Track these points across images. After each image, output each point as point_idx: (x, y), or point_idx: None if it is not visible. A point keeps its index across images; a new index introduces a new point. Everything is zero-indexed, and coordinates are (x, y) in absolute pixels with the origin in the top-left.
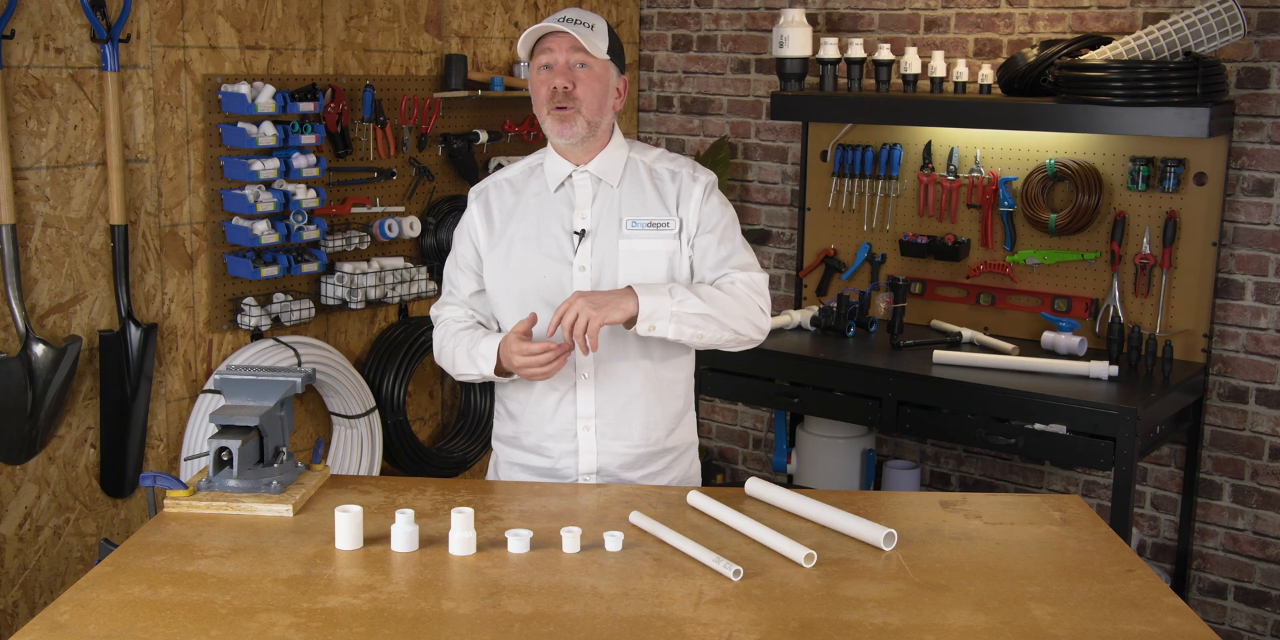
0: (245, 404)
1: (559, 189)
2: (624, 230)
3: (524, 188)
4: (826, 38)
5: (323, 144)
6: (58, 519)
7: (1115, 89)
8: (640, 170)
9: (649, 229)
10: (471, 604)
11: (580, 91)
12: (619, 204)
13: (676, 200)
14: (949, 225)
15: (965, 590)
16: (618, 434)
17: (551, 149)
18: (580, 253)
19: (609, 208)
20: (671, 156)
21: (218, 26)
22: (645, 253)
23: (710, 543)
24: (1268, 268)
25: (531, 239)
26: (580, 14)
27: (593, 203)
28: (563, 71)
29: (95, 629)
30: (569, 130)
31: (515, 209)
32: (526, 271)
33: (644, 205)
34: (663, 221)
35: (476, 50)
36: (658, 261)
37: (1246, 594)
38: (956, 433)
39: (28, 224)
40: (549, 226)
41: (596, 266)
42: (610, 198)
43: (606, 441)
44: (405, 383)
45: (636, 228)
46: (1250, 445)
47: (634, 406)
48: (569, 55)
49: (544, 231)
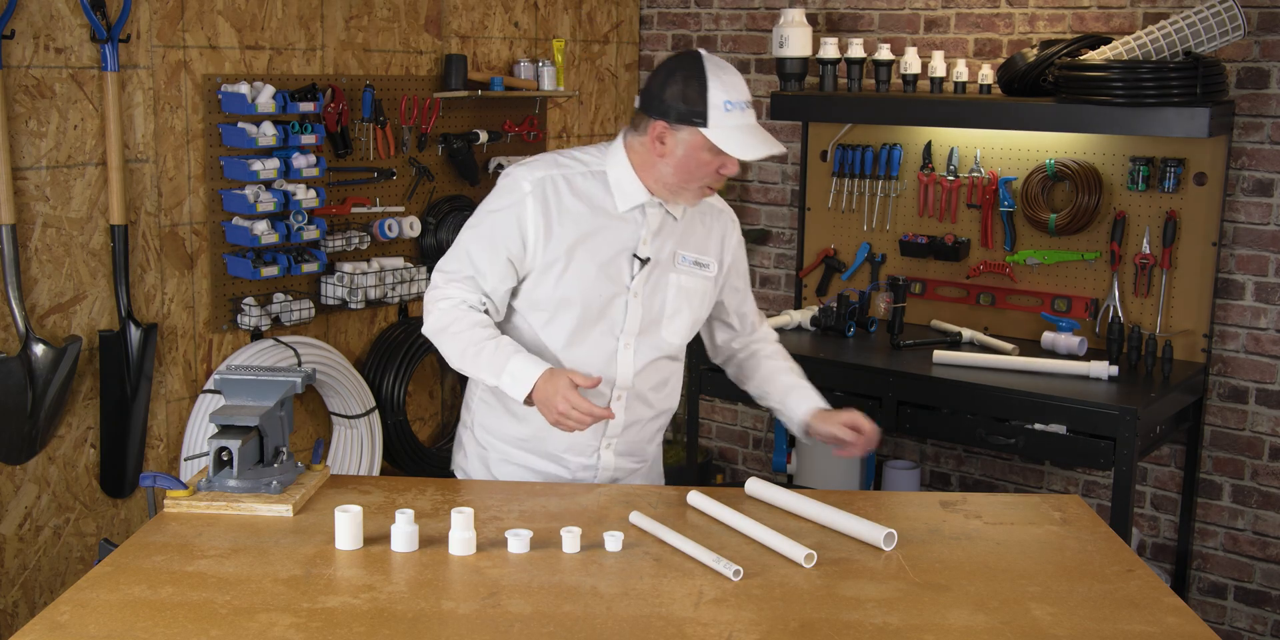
0: (245, 404)
1: (628, 210)
2: (677, 264)
3: (585, 194)
4: (826, 38)
5: (323, 144)
6: (58, 519)
7: (1115, 89)
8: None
9: (694, 267)
10: (471, 604)
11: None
12: (678, 237)
13: (720, 240)
14: (949, 225)
15: (965, 590)
16: (631, 450)
17: (625, 162)
18: (637, 279)
19: (669, 240)
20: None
21: (218, 26)
22: (690, 290)
23: (710, 543)
24: (1268, 268)
25: (593, 255)
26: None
27: (657, 233)
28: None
29: (95, 629)
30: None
31: (579, 217)
32: (583, 287)
33: (696, 242)
34: (705, 262)
35: (476, 50)
36: (696, 299)
37: (1246, 594)
38: (956, 433)
39: (28, 224)
40: (613, 246)
41: (648, 294)
42: (672, 230)
43: (623, 459)
44: (405, 383)
45: (685, 263)
46: (1250, 445)
47: (652, 426)
48: None
49: (607, 250)
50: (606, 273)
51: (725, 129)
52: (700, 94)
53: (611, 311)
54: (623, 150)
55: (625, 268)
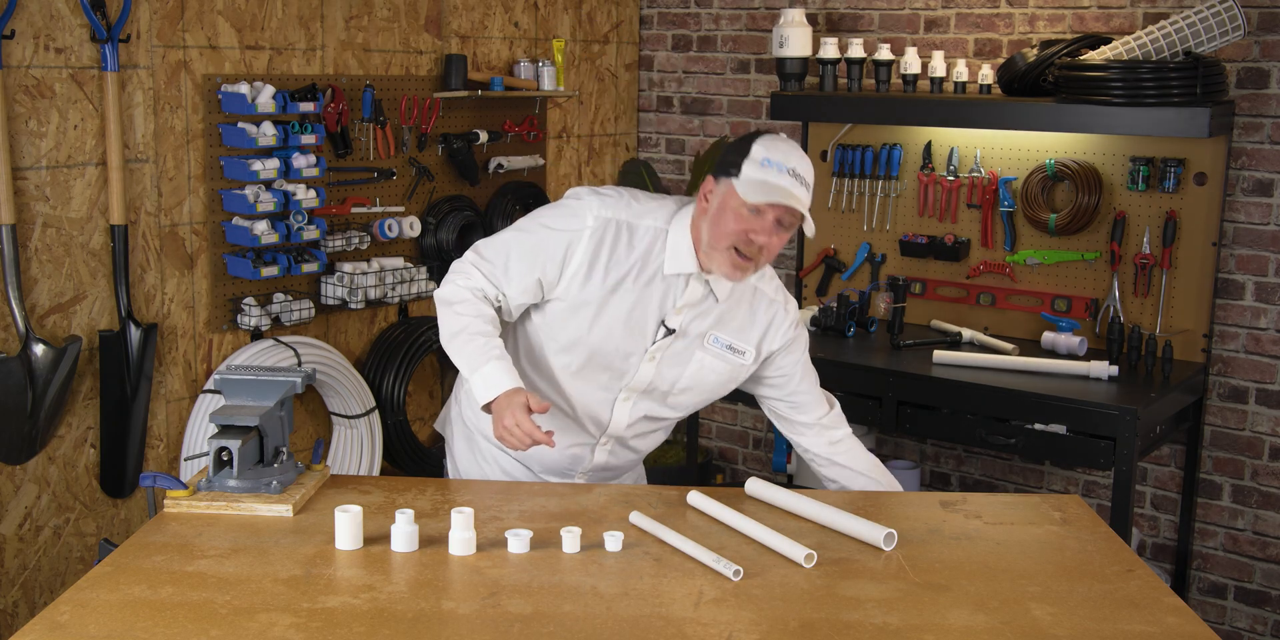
0: (245, 404)
1: (673, 275)
2: (706, 343)
3: (642, 248)
4: (826, 38)
5: (323, 144)
6: (58, 519)
7: (1115, 89)
8: (747, 290)
9: (727, 351)
10: (471, 604)
11: (768, 252)
12: (716, 318)
13: (765, 329)
14: (949, 225)
15: (965, 590)
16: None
17: (686, 228)
18: (658, 345)
19: (705, 318)
20: (768, 274)
21: (218, 26)
22: (712, 370)
23: (710, 543)
24: (1268, 268)
25: (625, 309)
26: (807, 169)
27: (693, 307)
28: (768, 230)
29: (95, 629)
30: (739, 276)
31: (627, 269)
32: (605, 336)
33: (735, 327)
34: (742, 349)
35: (476, 50)
36: (718, 380)
37: (1246, 594)
38: (956, 433)
39: (28, 224)
40: (645, 306)
41: (666, 362)
42: (710, 309)
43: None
44: (405, 383)
45: (717, 346)
46: (1250, 445)
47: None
48: (781, 215)
49: (639, 308)
50: (631, 329)
51: (752, 180)
52: (744, 149)
53: (624, 366)
54: (689, 217)
55: (650, 330)
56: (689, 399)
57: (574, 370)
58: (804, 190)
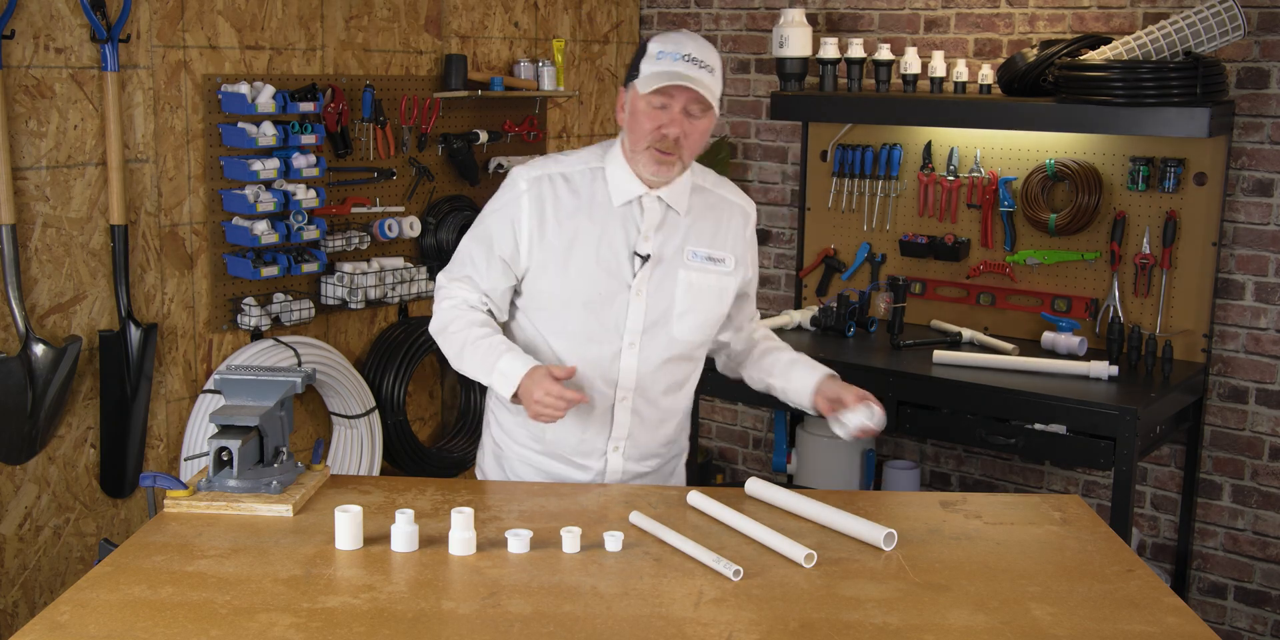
0: (245, 404)
1: (623, 205)
2: (685, 260)
3: (583, 191)
4: (826, 38)
5: (323, 144)
6: (58, 519)
7: (1115, 89)
8: (706, 199)
9: (707, 262)
10: (471, 604)
11: (687, 142)
12: (684, 233)
13: (736, 237)
14: (949, 225)
15: (965, 590)
16: (643, 455)
17: (620, 157)
18: (640, 277)
19: (674, 236)
20: (720, 179)
21: (218, 26)
22: (702, 287)
23: (710, 543)
24: (1268, 268)
25: (591, 251)
26: (706, 54)
27: (659, 228)
28: (677, 121)
29: (95, 629)
30: (666, 173)
31: (575, 213)
32: (583, 284)
33: (706, 237)
34: (720, 257)
35: (476, 50)
36: (711, 296)
37: (1246, 594)
38: (956, 433)
39: (28, 224)
40: (611, 243)
41: (654, 292)
42: (676, 226)
43: (631, 464)
44: (405, 383)
45: (696, 260)
46: (1250, 445)
47: (663, 430)
48: (687, 104)
49: (605, 246)
50: (607, 270)
51: (648, 74)
52: (641, 51)
53: (613, 310)
54: (619, 145)
55: (627, 265)
56: (692, 322)
57: (571, 336)
58: (705, 73)
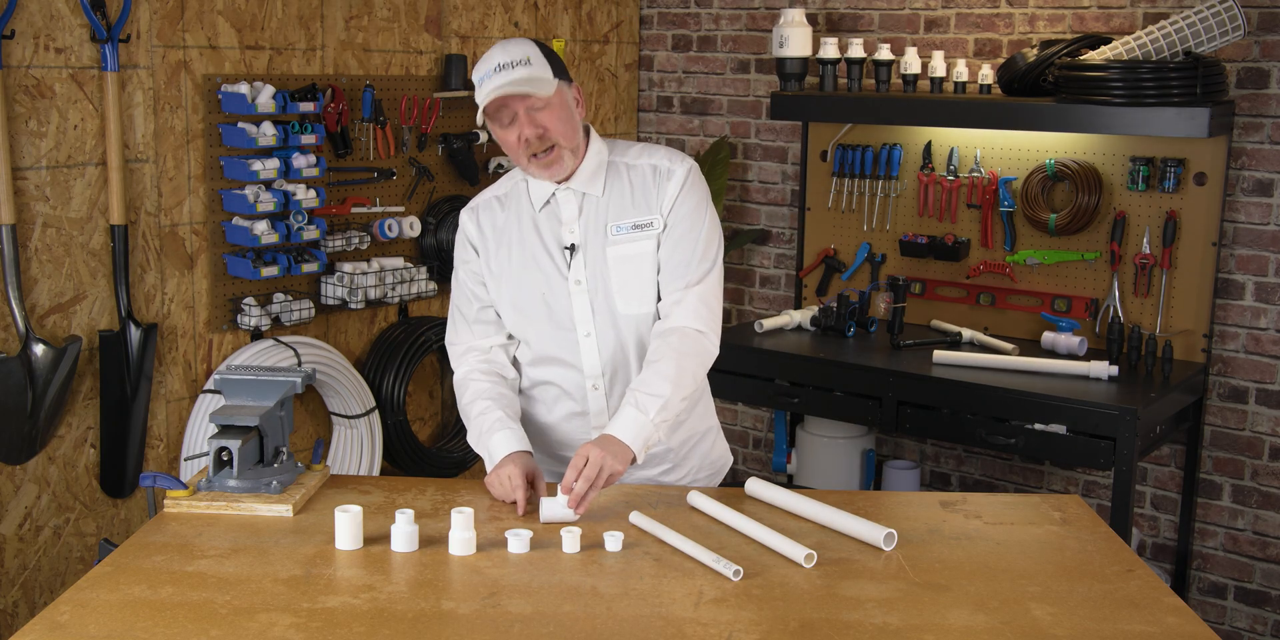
0: (245, 404)
1: (544, 206)
2: (610, 236)
3: (512, 205)
4: (826, 38)
5: (323, 144)
6: (58, 519)
7: (1115, 89)
8: (622, 173)
9: (634, 231)
10: (471, 604)
11: (551, 131)
12: (605, 212)
13: (658, 196)
14: (949, 225)
15: (965, 590)
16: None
17: None
18: (574, 267)
19: (596, 218)
20: (652, 149)
21: (218, 26)
22: (634, 256)
23: (710, 543)
24: (1268, 268)
25: (528, 255)
26: (509, 55)
27: (580, 216)
28: (525, 123)
29: (95, 629)
30: (557, 171)
31: (507, 227)
32: (530, 287)
33: (627, 208)
34: (646, 222)
35: (476, 50)
36: (647, 263)
37: (1246, 594)
38: (956, 433)
39: (28, 224)
40: (544, 243)
41: (592, 278)
42: (596, 208)
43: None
44: (405, 383)
45: (621, 232)
46: (1250, 445)
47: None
48: (522, 107)
49: (537, 248)
50: (544, 270)
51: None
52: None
53: (559, 306)
54: None
55: (561, 260)
56: (631, 294)
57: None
58: (521, 70)
